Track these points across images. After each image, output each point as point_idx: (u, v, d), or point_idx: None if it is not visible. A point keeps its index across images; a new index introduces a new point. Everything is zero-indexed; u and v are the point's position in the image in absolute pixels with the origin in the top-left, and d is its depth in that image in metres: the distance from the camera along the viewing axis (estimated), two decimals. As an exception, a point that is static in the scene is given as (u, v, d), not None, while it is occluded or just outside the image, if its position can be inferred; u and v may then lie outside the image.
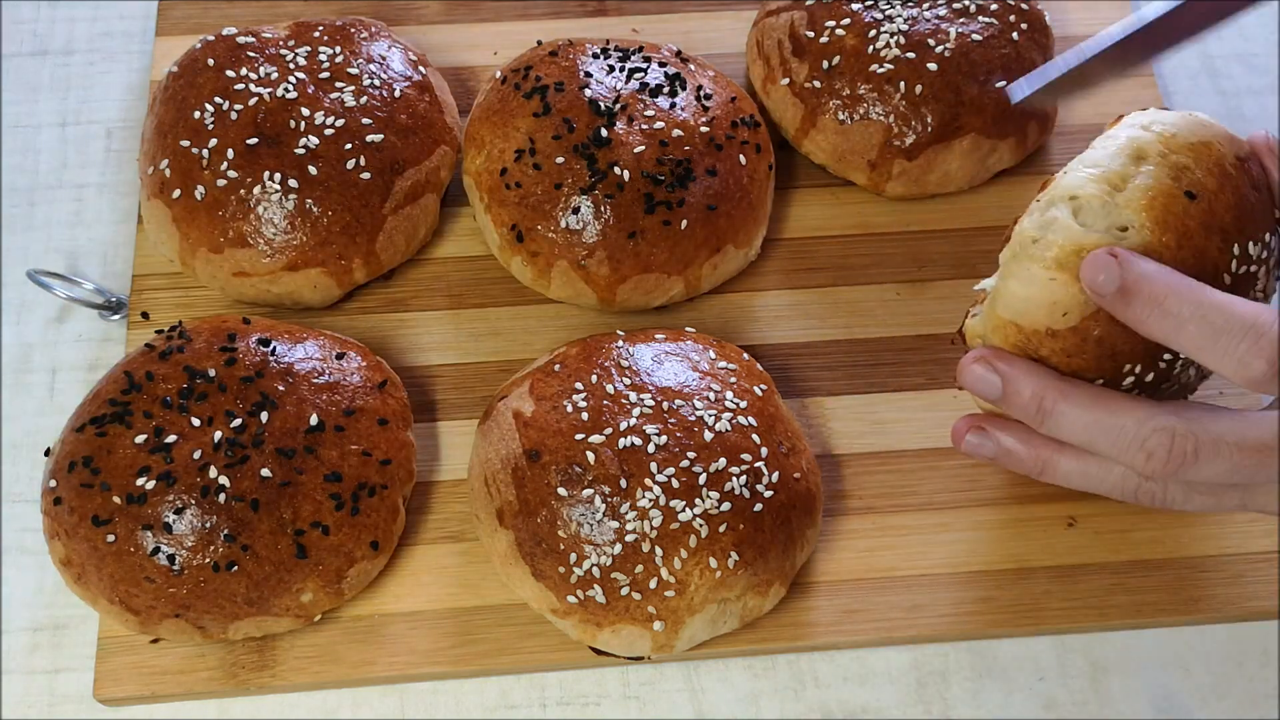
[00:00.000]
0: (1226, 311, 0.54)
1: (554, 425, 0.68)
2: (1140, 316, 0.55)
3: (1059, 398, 0.58)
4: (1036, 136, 0.83)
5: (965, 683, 0.71)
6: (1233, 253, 0.59)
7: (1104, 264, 0.55)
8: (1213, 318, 0.54)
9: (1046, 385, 0.58)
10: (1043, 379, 0.59)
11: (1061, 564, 0.72)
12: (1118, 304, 0.56)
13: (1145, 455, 0.56)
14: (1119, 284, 0.55)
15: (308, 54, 0.79)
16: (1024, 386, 0.59)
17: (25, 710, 0.70)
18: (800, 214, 0.84)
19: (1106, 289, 0.55)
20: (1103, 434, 0.57)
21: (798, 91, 0.81)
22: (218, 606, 0.66)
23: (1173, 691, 0.71)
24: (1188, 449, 0.56)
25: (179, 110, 0.77)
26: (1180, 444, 0.56)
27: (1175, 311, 0.55)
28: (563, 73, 0.78)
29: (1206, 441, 0.56)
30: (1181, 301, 0.54)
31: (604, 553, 0.65)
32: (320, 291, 0.78)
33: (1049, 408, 0.58)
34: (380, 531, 0.69)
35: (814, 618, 0.71)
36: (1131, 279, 0.55)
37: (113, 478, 0.66)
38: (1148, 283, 0.55)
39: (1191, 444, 0.56)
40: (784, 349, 0.79)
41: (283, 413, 0.68)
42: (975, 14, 0.81)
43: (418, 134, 0.79)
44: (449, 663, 0.69)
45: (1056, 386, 0.58)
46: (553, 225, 0.75)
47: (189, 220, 0.76)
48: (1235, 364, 0.54)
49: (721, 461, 0.67)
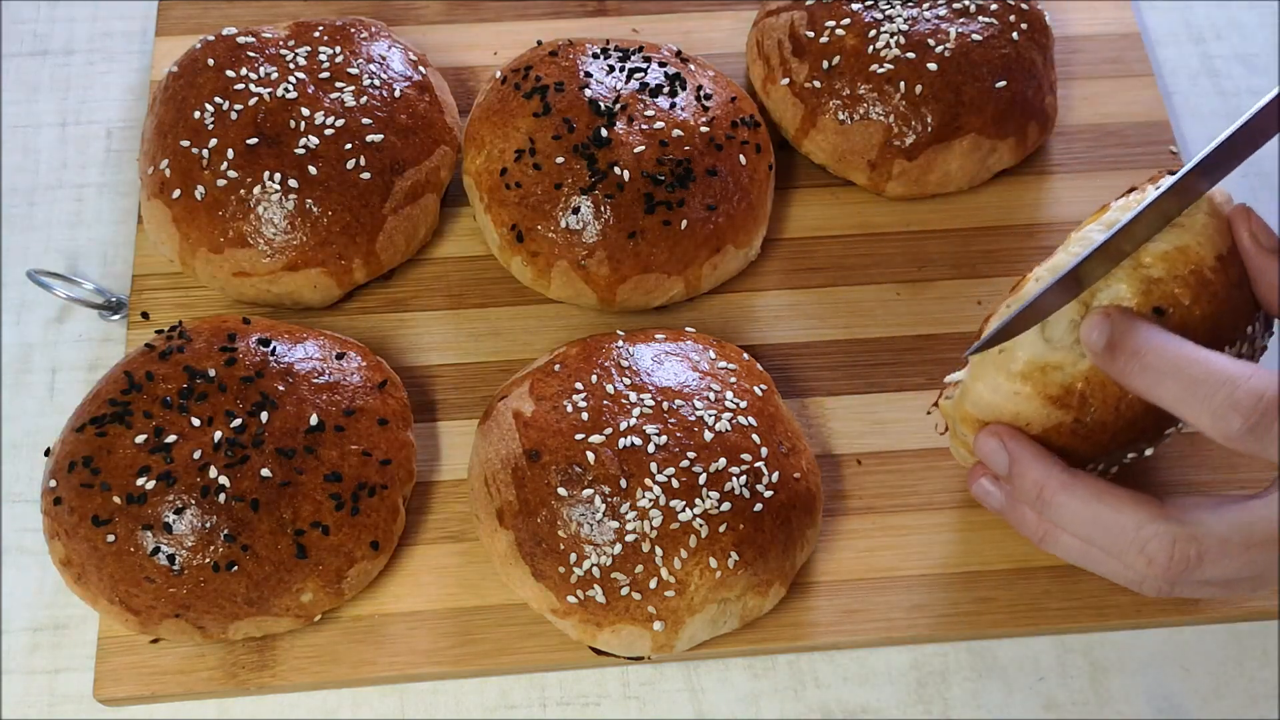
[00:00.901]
0: (1204, 366, 0.54)
1: (554, 425, 0.68)
2: (1123, 371, 0.56)
3: (1059, 489, 0.58)
4: (1036, 136, 0.83)
5: (965, 683, 0.71)
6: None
7: (1097, 322, 0.57)
8: (1191, 371, 0.54)
9: (1049, 475, 0.59)
10: (1047, 469, 0.59)
11: (1061, 564, 0.72)
12: (1105, 359, 0.57)
13: (1145, 560, 0.56)
14: (1106, 340, 0.56)
15: (308, 54, 0.79)
16: (1028, 471, 0.59)
17: (25, 710, 0.70)
18: (800, 214, 0.84)
19: (1097, 346, 0.56)
20: (1102, 533, 0.57)
21: (798, 91, 0.81)
22: (218, 606, 0.66)
23: (1173, 691, 0.71)
24: (1190, 554, 0.55)
25: (179, 110, 0.77)
26: (1182, 550, 0.55)
27: (1155, 366, 0.55)
28: (563, 73, 0.78)
29: (1211, 545, 0.55)
30: (1162, 357, 0.55)
31: (604, 553, 0.65)
32: (320, 291, 0.78)
33: (1049, 498, 0.59)
34: (380, 531, 0.69)
35: (814, 618, 0.71)
36: (1118, 335, 0.56)
37: (113, 478, 0.66)
38: (1132, 338, 0.56)
39: (1195, 549, 0.55)
40: (784, 349, 0.79)
41: (283, 413, 0.68)
42: (975, 14, 0.81)
43: (418, 134, 0.79)
44: (449, 663, 0.69)
45: (1059, 478, 0.58)
46: (553, 225, 0.75)
47: (189, 220, 0.76)
48: (1210, 418, 0.53)
49: (721, 461, 0.67)
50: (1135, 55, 0.90)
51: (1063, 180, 0.85)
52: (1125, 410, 0.59)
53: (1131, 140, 0.86)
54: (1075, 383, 0.59)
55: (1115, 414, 0.59)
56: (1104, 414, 0.59)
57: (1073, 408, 0.59)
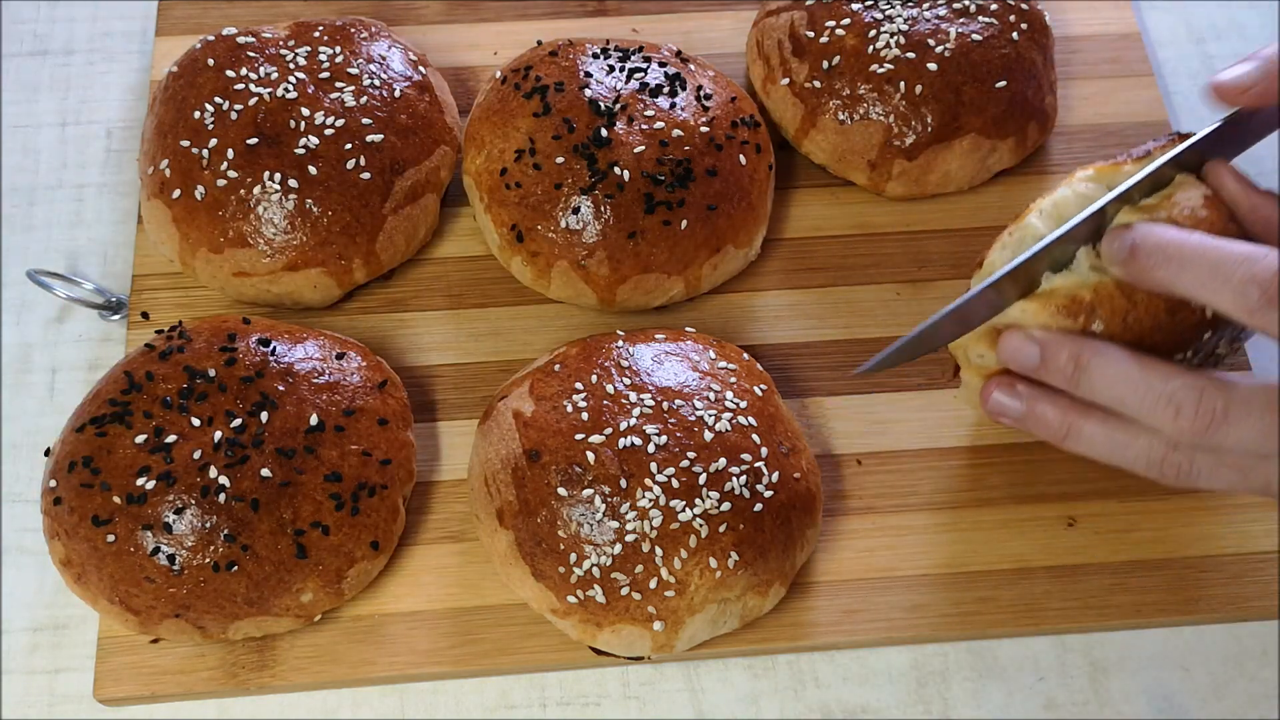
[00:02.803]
0: (1224, 248, 0.56)
1: (554, 425, 0.68)
2: (1146, 266, 0.58)
3: (1094, 353, 0.59)
4: (1036, 136, 0.83)
5: (965, 683, 0.71)
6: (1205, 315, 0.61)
7: (1119, 234, 0.59)
8: (1210, 255, 0.56)
9: (1083, 344, 0.60)
10: (1080, 340, 0.60)
11: (1061, 564, 0.72)
12: (1129, 263, 0.58)
13: (1174, 411, 0.57)
14: (1130, 245, 0.58)
15: (308, 54, 0.79)
16: (1061, 348, 0.60)
17: (25, 710, 0.70)
18: (800, 214, 0.84)
19: (1121, 253, 0.58)
20: (1132, 388, 0.58)
21: (798, 91, 0.81)
22: (218, 606, 0.66)
23: (1173, 691, 0.71)
24: (1217, 406, 0.56)
25: (179, 110, 0.77)
26: (1209, 401, 0.56)
27: (1176, 256, 0.57)
28: (563, 73, 0.78)
29: (1237, 400, 0.56)
30: (1183, 247, 0.56)
31: (604, 553, 0.65)
32: (320, 291, 0.78)
33: (1084, 362, 0.59)
34: (380, 531, 0.69)
35: (814, 618, 0.71)
36: (1140, 237, 0.58)
37: (113, 478, 0.66)
38: (1154, 236, 0.57)
39: (1221, 402, 0.56)
40: (784, 349, 0.79)
41: (283, 413, 0.68)
42: (975, 14, 0.81)
43: (418, 134, 0.79)
44: (449, 663, 0.69)
45: (1093, 345, 0.60)
46: (553, 225, 0.75)
47: (189, 220, 0.76)
48: (1232, 293, 0.55)
49: (721, 461, 0.67)
50: (1135, 55, 0.90)
51: (1063, 180, 0.85)
52: (1133, 324, 0.60)
53: (1131, 140, 0.86)
54: (1082, 293, 0.60)
55: (1123, 326, 0.60)
56: (1112, 326, 0.60)
57: (1081, 316, 0.60)
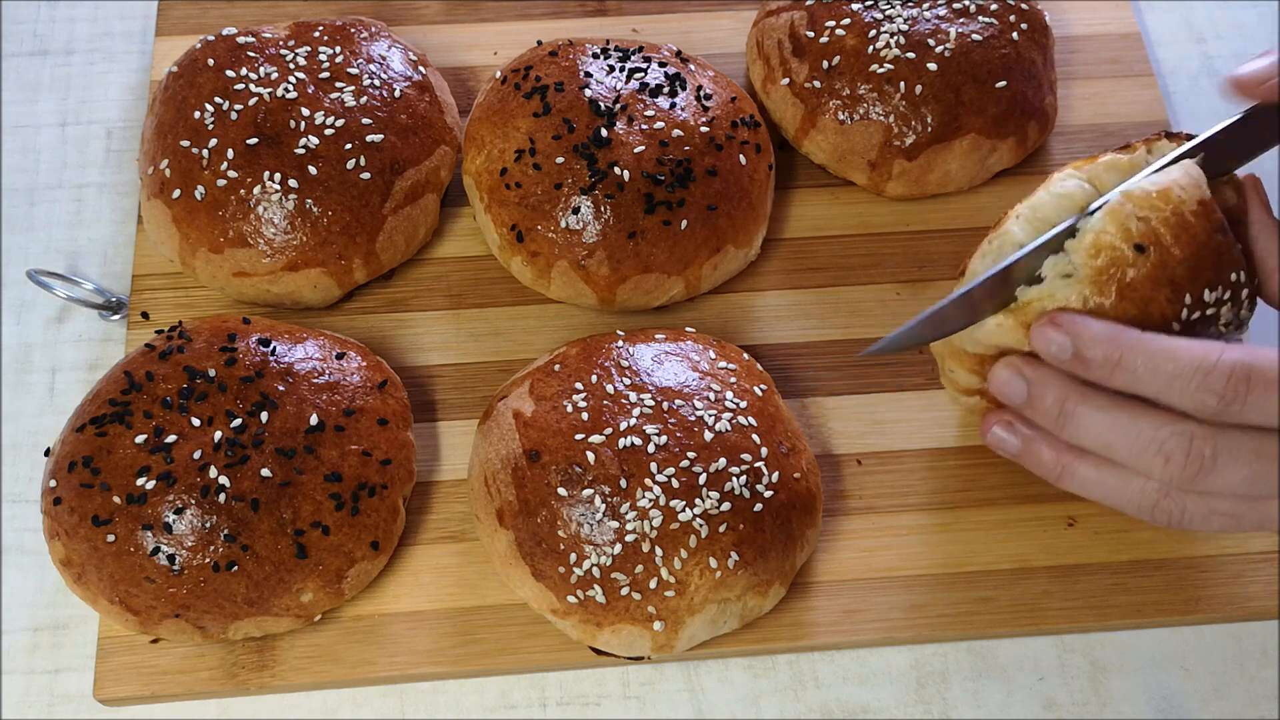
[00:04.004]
0: (1174, 358, 0.56)
1: (554, 425, 0.68)
2: (1101, 377, 0.58)
3: (1080, 399, 0.59)
4: (1036, 136, 0.83)
5: (965, 683, 0.71)
6: (1184, 302, 0.60)
7: (1051, 336, 0.59)
8: (1163, 366, 0.57)
9: (1069, 389, 0.60)
10: (1066, 384, 0.60)
11: (1061, 564, 0.72)
12: (1077, 368, 0.59)
13: (1163, 459, 0.57)
14: (1071, 352, 0.58)
15: (308, 54, 0.79)
16: (1047, 390, 0.60)
17: (25, 710, 0.70)
18: (800, 214, 0.84)
19: (1062, 356, 0.59)
20: (1120, 435, 0.58)
21: (798, 91, 0.81)
22: (218, 606, 0.66)
23: (1173, 691, 0.71)
24: (1205, 452, 0.57)
25: (179, 110, 0.77)
26: (1198, 447, 0.57)
27: (1131, 366, 0.57)
28: (563, 73, 0.78)
29: (1225, 445, 0.57)
30: (1135, 355, 0.57)
31: (604, 553, 0.65)
32: (320, 291, 0.78)
33: (1070, 410, 0.60)
34: (380, 531, 0.69)
35: (814, 618, 0.71)
36: (1082, 345, 0.58)
37: (113, 478, 0.66)
38: (1100, 346, 0.58)
39: (1209, 447, 0.57)
40: (784, 349, 0.79)
41: (283, 413, 0.68)
42: (975, 14, 0.81)
43: (418, 134, 0.79)
44: (449, 663, 0.69)
45: (1079, 390, 0.60)
46: (553, 225, 0.75)
47: (189, 220, 0.76)
48: (1192, 404, 0.56)
49: (721, 461, 0.67)
50: (1135, 55, 0.90)
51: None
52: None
53: (1131, 140, 0.86)
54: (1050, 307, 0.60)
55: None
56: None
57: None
